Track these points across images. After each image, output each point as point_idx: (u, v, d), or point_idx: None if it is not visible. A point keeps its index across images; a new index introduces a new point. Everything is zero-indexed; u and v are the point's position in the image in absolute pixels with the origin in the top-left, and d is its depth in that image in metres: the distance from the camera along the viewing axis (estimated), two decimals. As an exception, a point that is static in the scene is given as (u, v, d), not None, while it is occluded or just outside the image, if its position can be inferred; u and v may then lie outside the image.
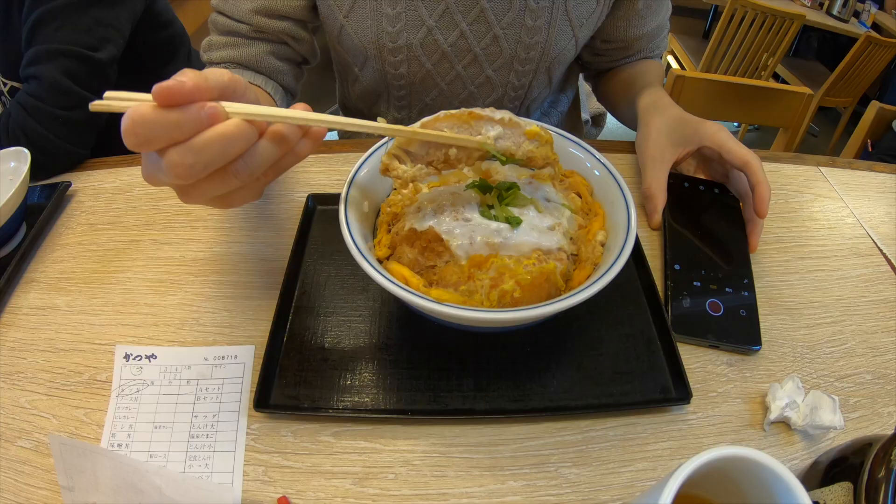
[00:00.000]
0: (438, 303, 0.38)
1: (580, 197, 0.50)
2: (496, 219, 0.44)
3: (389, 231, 0.47)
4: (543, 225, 0.45)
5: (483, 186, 0.47)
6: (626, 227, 0.44)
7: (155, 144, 0.31)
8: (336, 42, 0.74)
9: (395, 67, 0.72)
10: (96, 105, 0.32)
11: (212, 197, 0.36)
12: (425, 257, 0.44)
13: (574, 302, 0.38)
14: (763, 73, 2.53)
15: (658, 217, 0.59)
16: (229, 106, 0.33)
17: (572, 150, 0.51)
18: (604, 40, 0.78)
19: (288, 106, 0.71)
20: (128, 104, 0.31)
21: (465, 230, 0.44)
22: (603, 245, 0.46)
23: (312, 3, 0.69)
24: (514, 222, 0.44)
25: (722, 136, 0.58)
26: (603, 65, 0.84)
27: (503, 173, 0.53)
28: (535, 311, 0.38)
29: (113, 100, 0.32)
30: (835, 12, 2.98)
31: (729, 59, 2.51)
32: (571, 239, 0.46)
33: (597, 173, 0.50)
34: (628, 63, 0.82)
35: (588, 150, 0.50)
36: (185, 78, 0.31)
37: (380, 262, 0.45)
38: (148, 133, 0.31)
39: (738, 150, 0.57)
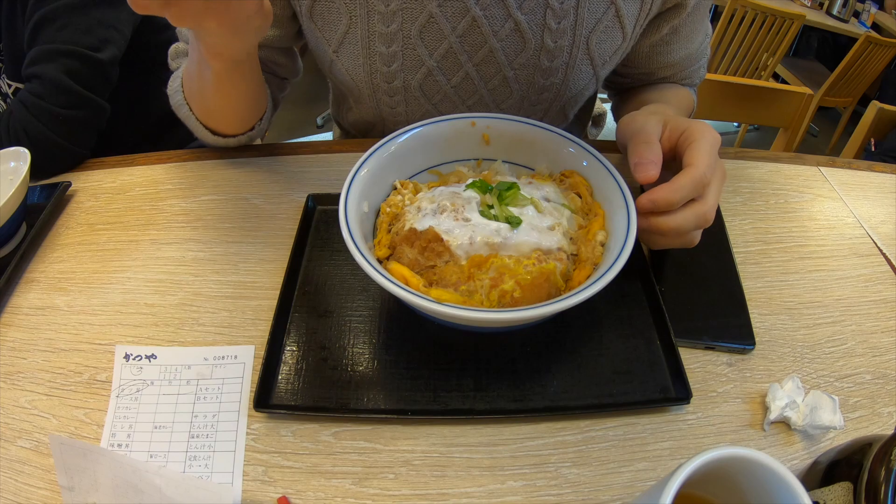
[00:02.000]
0: (438, 303, 0.38)
1: (580, 197, 0.50)
2: (496, 218, 0.44)
3: (389, 231, 0.47)
4: (543, 225, 0.45)
5: (483, 186, 0.46)
6: (626, 228, 0.44)
7: None
8: (329, 73, 0.69)
9: (392, 106, 0.66)
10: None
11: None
12: (425, 257, 0.44)
13: (574, 302, 0.38)
14: (763, 73, 2.52)
15: (656, 169, 0.46)
16: None
17: (572, 150, 0.51)
18: (626, 65, 0.70)
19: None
20: None
21: (465, 230, 0.44)
22: (603, 245, 0.46)
23: (293, 32, 0.64)
24: (514, 222, 0.44)
25: (706, 134, 0.47)
26: (625, 84, 0.76)
27: (503, 174, 0.53)
28: (535, 311, 0.38)
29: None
30: (835, 12, 2.98)
31: (729, 59, 2.51)
32: (571, 239, 0.46)
33: (596, 173, 0.50)
34: (653, 86, 0.73)
35: (588, 151, 0.50)
36: None
37: (379, 262, 0.45)
38: None
39: (699, 155, 0.46)
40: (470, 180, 0.48)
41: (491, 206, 0.46)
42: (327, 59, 0.64)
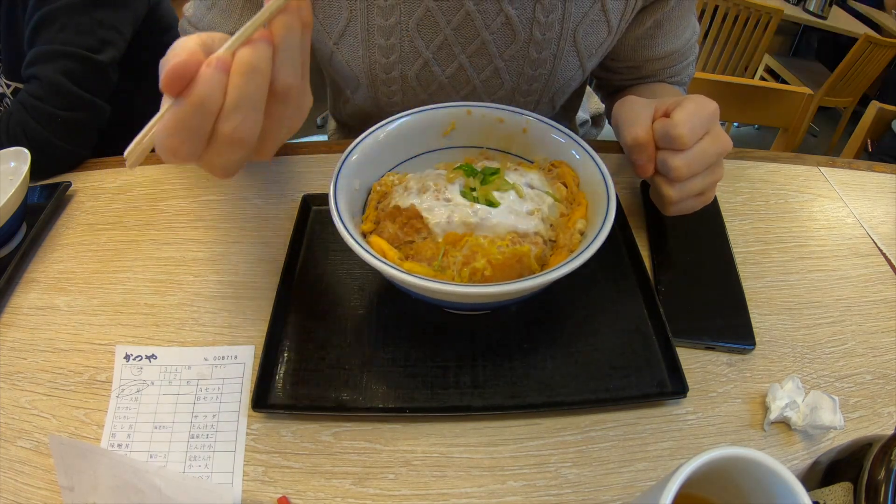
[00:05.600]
0: (409, 274, 0.38)
1: (566, 187, 0.50)
2: (476, 200, 0.45)
3: (377, 208, 0.49)
4: (522, 209, 0.46)
5: (469, 170, 0.47)
6: (604, 216, 0.44)
7: (203, 138, 0.33)
8: (328, 65, 0.70)
9: (389, 97, 0.68)
10: (131, 163, 0.34)
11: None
12: (404, 232, 0.45)
13: (540, 282, 0.38)
14: (753, 69, 2.51)
15: (651, 167, 0.51)
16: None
17: (555, 137, 0.51)
18: (613, 59, 0.73)
19: None
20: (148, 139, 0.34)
21: (445, 209, 0.45)
22: (582, 234, 0.46)
23: None
24: (493, 204, 0.45)
25: (692, 98, 0.49)
26: (615, 82, 0.78)
27: (499, 159, 0.53)
28: (501, 289, 0.38)
29: (139, 145, 0.34)
30: (811, 9, 2.94)
31: (709, 55, 2.48)
32: (552, 226, 0.47)
33: (576, 157, 0.49)
34: (643, 84, 0.75)
35: (572, 138, 0.50)
36: (178, 52, 0.32)
37: (364, 235, 0.46)
38: (193, 133, 0.33)
39: (682, 114, 0.47)
40: (458, 165, 0.49)
41: (473, 189, 0.46)
42: (327, 50, 0.66)
